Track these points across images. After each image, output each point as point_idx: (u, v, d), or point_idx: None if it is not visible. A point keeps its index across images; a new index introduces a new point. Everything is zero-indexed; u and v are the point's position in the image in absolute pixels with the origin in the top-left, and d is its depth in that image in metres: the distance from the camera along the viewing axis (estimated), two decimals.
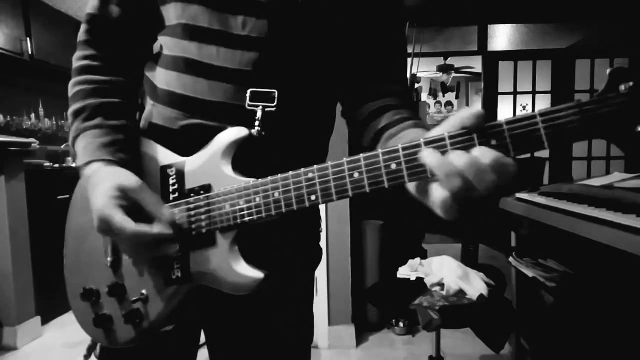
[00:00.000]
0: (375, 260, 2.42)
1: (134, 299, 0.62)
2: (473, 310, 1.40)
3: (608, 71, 0.43)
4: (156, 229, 0.57)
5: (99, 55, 0.68)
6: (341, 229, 2.22)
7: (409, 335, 2.37)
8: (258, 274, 0.57)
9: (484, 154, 0.43)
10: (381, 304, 1.62)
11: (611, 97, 0.42)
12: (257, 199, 0.56)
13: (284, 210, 0.54)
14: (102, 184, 0.58)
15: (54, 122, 3.53)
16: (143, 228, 0.56)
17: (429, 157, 0.45)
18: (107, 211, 0.56)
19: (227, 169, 0.59)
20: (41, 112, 3.41)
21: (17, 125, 3.16)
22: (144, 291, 0.62)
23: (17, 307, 2.30)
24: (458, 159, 0.43)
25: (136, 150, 0.66)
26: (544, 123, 0.43)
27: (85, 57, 0.68)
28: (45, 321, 2.52)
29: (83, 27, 0.69)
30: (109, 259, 0.65)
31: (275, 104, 0.62)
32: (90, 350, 0.73)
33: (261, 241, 0.63)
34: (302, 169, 0.53)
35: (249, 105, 0.62)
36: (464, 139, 0.45)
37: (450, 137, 0.46)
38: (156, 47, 0.72)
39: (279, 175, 0.55)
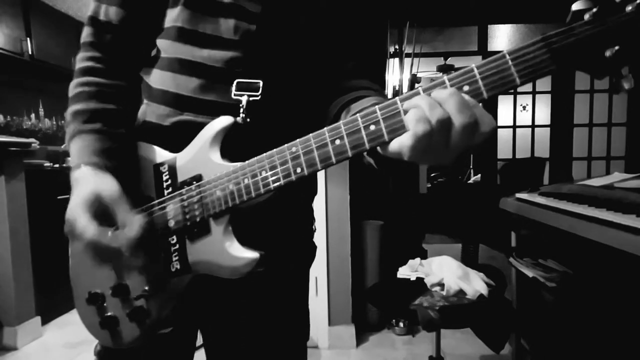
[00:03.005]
0: (375, 260, 2.42)
1: (137, 295, 0.63)
2: (473, 310, 1.40)
3: (573, 5, 0.44)
4: (114, 240, 0.57)
5: (103, 57, 0.69)
6: (341, 229, 2.22)
7: (409, 335, 2.37)
8: (254, 254, 0.59)
9: (463, 95, 0.45)
10: (381, 304, 1.62)
11: (577, 26, 0.43)
12: (246, 180, 0.57)
13: (272, 186, 0.56)
14: (82, 186, 0.60)
15: (54, 122, 3.53)
16: (99, 235, 0.57)
17: (410, 100, 0.47)
18: (73, 213, 0.58)
19: (216, 157, 0.61)
20: (41, 112, 3.41)
21: (17, 125, 3.16)
22: (146, 287, 0.64)
23: (17, 307, 2.29)
24: (439, 92, 0.45)
25: (131, 157, 0.67)
26: (513, 61, 0.44)
27: (89, 59, 0.69)
28: (45, 321, 2.52)
29: (86, 30, 0.70)
30: (110, 261, 0.65)
31: (259, 93, 0.64)
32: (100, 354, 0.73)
33: (254, 225, 0.64)
34: (286, 145, 0.55)
35: (235, 95, 0.64)
36: (438, 88, 0.47)
37: (424, 90, 0.47)
38: (153, 51, 0.73)
39: (264, 154, 0.56)
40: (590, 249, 1.07)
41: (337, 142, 0.51)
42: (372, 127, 0.49)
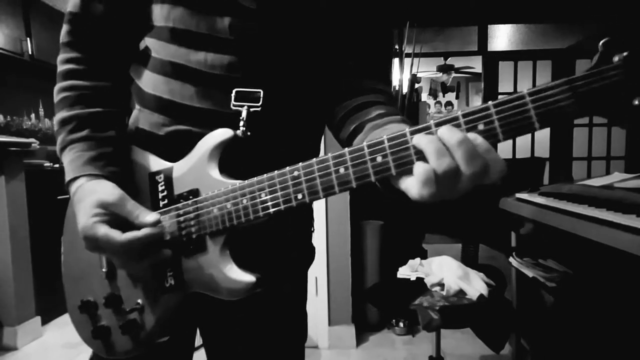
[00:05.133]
0: (375, 260, 2.42)
1: (130, 308, 0.62)
2: (473, 310, 1.40)
3: (601, 42, 0.40)
4: (143, 232, 0.56)
5: (83, 57, 0.65)
6: (341, 229, 2.22)
7: (409, 335, 2.37)
8: (250, 278, 0.56)
9: (475, 137, 0.42)
10: (381, 304, 1.62)
11: (605, 70, 0.39)
12: (245, 201, 0.55)
13: (271, 211, 0.53)
14: (83, 200, 0.58)
15: (54, 122, 3.52)
16: (130, 235, 0.55)
17: (419, 138, 0.44)
18: (90, 230, 0.56)
19: (214, 172, 0.58)
20: (41, 112, 3.41)
21: (17, 125, 3.16)
22: (139, 301, 0.62)
23: (17, 307, 2.29)
24: (449, 135, 0.43)
25: (126, 160, 0.65)
26: (533, 103, 0.41)
27: (69, 60, 0.65)
28: (45, 321, 2.52)
29: (65, 28, 0.65)
30: (103, 269, 0.64)
31: (260, 103, 0.61)
32: None
33: (252, 244, 0.62)
34: (287, 168, 0.52)
35: (234, 105, 0.61)
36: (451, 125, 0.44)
37: (437, 125, 0.44)
38: (140, 47, 0.69)
39: (265, 175, 0.54)
40: (590, 249, 1.07)
41: (342, 170, 0.48)
42: (379, 159, 0.46)
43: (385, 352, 2.22)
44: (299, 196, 0.51)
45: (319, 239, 2.18)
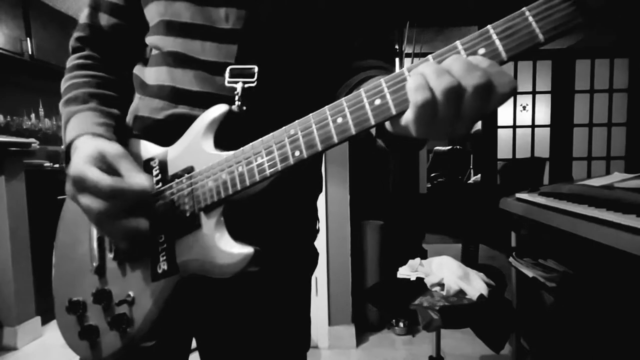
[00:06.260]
0: (375, 260, 2.42)
1: (119, 300, 0.59)
2: (473, 310, 1.40)
3: None
4: (129, 184, 0.53)
5: (91, 55, 0.71)
6: (341, 229, 2.22)
7: (409, 335, 2.37)
8: (247, 249, 0.53)
9: (474, 57, 0.40)
10: (381, 304, 1.62)
11: None
12: (240, 168, 0.52)
13: (267, 173, 0.51)
14: (81, 148, 0.56)
15: (54, 122, 3.52)
16: (118, 181, 0.53)
17: (416, 69, 0.42)
18: (81, 167, 0.53)
19: (209, 147, 0.57)
20: (41, 112, 3.41)
21: (17, 125, 3.16)
22: (130, 293, 0.60)
23: (17, 307, 2.29)
24: (448, 60, 0.41)
25: (124, 141, 0.64)
26: (535, 17, 0.39)
27: (79, 57, 0.71)
28: (45, 321, 2.52)
29: (75, 35, 0.72)
30: (94, 263, 0.63)
31: (255, 79, 0.60)
32: None
33: (252, 221, 0.61)
34: (284, 127, 0.50)
35: (229, 82, 0.61)
36: (450, 54, 0.42)
37: (435, 57, 0.42)
38: (144, 49, 0.74)
39: (260, 139, 0.52)
40: (590, 249, 1.07)
41: (339, 120, 0.46)
42: (378, 102, 0.44)
43: (385, 352, 2.22)
44: (297, 153, 0.49)
45: (319, 239, 2.18)
